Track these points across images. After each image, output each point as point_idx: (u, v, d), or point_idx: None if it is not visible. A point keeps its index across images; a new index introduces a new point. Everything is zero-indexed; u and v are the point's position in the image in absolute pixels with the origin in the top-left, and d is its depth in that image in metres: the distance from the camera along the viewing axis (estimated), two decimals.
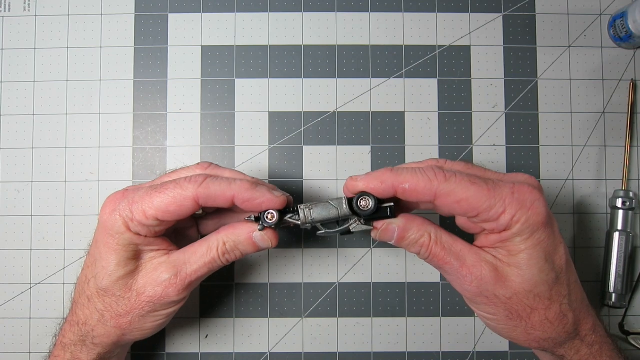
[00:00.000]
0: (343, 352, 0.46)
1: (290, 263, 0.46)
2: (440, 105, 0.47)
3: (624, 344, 0.46)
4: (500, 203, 0.32)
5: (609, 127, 0.47)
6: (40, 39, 0.47)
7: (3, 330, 0.46)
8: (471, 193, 0.32)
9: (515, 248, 0.33)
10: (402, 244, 0.35)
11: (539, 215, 0.32)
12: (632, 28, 0.44)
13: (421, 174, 0.33)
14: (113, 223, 0.34)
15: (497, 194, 0.32)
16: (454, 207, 0.33)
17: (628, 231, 0.45)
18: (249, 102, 0.47)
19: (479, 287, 0.33)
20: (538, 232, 0.33)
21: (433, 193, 0.33)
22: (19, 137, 0.47)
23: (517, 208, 0.32)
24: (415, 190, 0.33)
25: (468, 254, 0.34)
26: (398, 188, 0.33)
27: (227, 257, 0.36)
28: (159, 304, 0.35)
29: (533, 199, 0.33)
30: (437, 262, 0.34)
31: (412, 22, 0.48)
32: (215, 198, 0.34)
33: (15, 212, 0.47)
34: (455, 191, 0.32)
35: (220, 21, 0.48)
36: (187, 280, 0.35)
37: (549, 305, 0.33)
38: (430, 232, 0.34)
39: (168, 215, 0.34)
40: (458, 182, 0.32)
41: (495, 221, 0.33)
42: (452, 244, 0.34)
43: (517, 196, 0.32)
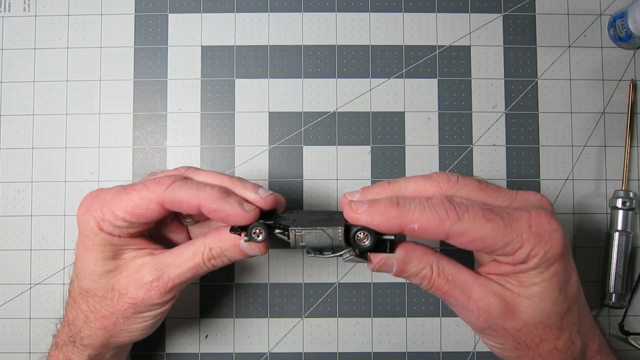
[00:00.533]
0: (343, 352, 0.46)
1: (290, 263, 0.46)
2: (440, 105, 0.47)
3: (624, 344, 0.46)
4: (517, 239, 0.30)
5: (609, 127, 0.47)
6: (40, 39, 0.47)
7: (3, 330, 0.46)
8: (486, 231, 0.29)
9: (529, 280, 0.31)
10: (402, 276, 0.33)
11: (557, 247, 0.30)
12: (632, 28, 0.44)
13: (431, 212, 0.30)
14: (86, 223, 0.34)
15: (514, 230, 0.30)
16: (467, 246, 0.30)
17: (628, 231, 0.45)
18: (249, 102, 0.47)
19: (487, 321, 0.31)
20: (554, 265, 0.31)
21: (445, 234, 0.30)
22: (19, 137, 0.47)
23: (535, 242, 0.30)
24: (425, 231, 0.30)
25: (474, 285, 0.31)
26: (406, 228, 0.30)
27: (212, 262, 0.34)
28: (142, 306, 0.34)
29: (551, 230, 0.30)
30: (440, 295, 0.32)
31: (412, 22, 0.48)
32: (180, 204, 0.32)
33: (15, 212, 0.47)
34: (468, 231, 0.29)
35: (220, 21, 0.48)
36: (170, 284, 0.34)
37: (559, 335, 0.32)
38: (432, 263, 0.32)
39: (135, 218, 0.33)
40: (472, 220, 0.29)
41: (511, 256, 0.30)
42: (456, 274, 0.32)
43: (535, 229, 0.30)
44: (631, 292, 0.46)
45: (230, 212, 0.32)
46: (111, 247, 0.34)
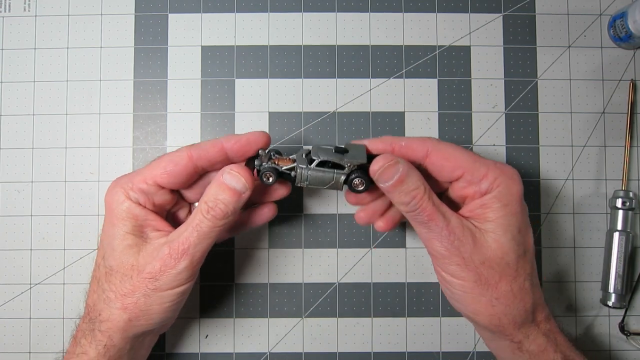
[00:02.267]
0: (343, 352, 0.46)
1: (290, 263, 0.46)
2: (440, 105, 0.47)
3: (624, 344, 0.46)
4: (483, 167, 0.36)
5: (609, 127, 0.47)
6: (40, 39, 0.48)
7: (3, 330, 0.46)
8: (458, 154, 0.36)
9: (493, 214, 0.35)
10: (396, 189, 0.35)
11: (516, 185, 0.36)
12: (632, 28, 0.44)
13: (417, 138, 0.38)
14: (113, 195, 0.36)
15: (482, 160, 0.36)
16: (442, 164, 0.36)
17: (628, 231, 0.45)
18: (249, 102, 0.47)
19: (459, 246, 0.35)
20: (514, 204, 0.36)
21: (426, 149, 0.37)
22: (19, 137, 0.47)
23: (498, 173, 0.36)
24: (410, 146, 0.37)
25: (452, 216, 0.36)
26: (395, 144, 0.37)
27: (212, 214, 0.35)
28: (161, 281, 0.35)
29: (513, 172, 0.37)
30: (422, 217, 0.35)
31: (412, 22, 0.48)
32: (206, 150, 0.37)
33: (15, 212, 0.47)
34: (445, 150, 0.37)
35: (220, 21, 0.48)
36: (180, 247, 0.35)
37: (515, 277, 0.35)
38: (425, 185, 0.36)
39: (166, 177, 0.36)
40: (447, 146, 0.37)
41: (477, 184, 0.36)
42: (439, 203, 0.36)
43: (500, 166, 0.36)
44: (631, 292, 0.46)
45: (249, 136, 0.37)
46: (133, 220, 0.36)
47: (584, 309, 0.46)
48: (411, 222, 0.37)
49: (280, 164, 0.38)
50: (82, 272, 0.46)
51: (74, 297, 0.46)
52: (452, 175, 0.37)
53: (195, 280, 0.39)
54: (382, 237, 0.47)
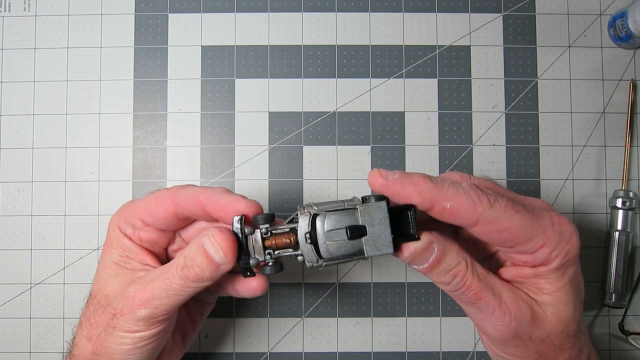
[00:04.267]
0: (343, 352, 0.46)
1: (290, 263, 0.46)
2: (440, 105, 0.47)
3: (624, 344, 0.46)
4: (541, 235, 0.29)
5: (609, 127, 0.47)
6: (40, 39, 0.47)
7: (3, 330, 0.46)
8: (515, 222, 0.29)
9: (550, 286, 0.30)
10: (434, 271, 0.30)
11: (575, 249, 0.30)
12: (632, 28, 0.44)
13: (464, 194, 0.29)
14: (110, 222, 0.35)
15: (539, 226, 0.29)
16: (491, 236, 0.29)
17: (628, 231, 0.45)
18: (249, 102, 0.47)
19: (517, 328, 0.30)
20: (571, 268, 0.30)
21: (476, 218, 0.28)
22: (19, 137, 0.47)
23: (557, 242, 0.29)
24: (457, 212, 0.28)
25: (504, 289, 0.30)
26: (437, 205, 0.28)
27: (185, 273, 0.31)
28: (120, 320, 0.32)
29: (571, 231, 0.30)
30: (470, 296, 0.30)
31: (412, 22, 0.48)
32: (187, 198, 0.32)
33: (15, 212, 0.47)
34: (499, 219, 0.29)
35: (220, 21, 0.48)
36: (145, 295, 0.31)
37: (574, 343, 0.31)
38: (467, 259, 0.30)
39: (149, 215, 0.33)
40: (502, 209, 0.29)
41: (531, 254, 0.30)
42: (486, 276, 0.30)
43: (557, 228, 0.30)
44: (631, 292, 0.46)
45: (230, 200, 0.31)
46: (120, 250, 0.34)
47: (584, 309, 0.46)
48: (457, 300, 0.32)
49: (279, 245, 0.30)
50: (82, 272, 0.46)
51: (74, 297, 0.46)
52: (502, 245, 0.31)
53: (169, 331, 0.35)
54: None
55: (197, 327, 0.39)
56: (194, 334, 0.39)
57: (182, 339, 0.38)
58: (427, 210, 0.29)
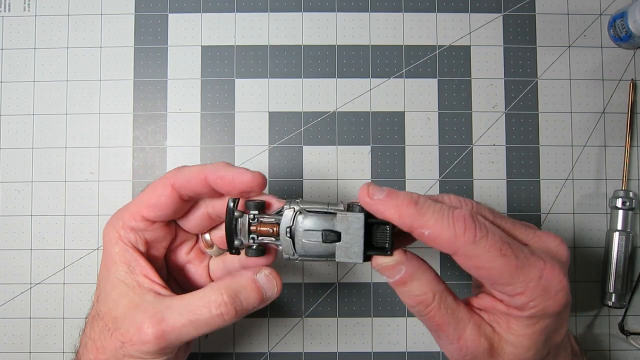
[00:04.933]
0: (343, 352, 0.46)
1: (290, 263, 0.46)
2: (440, 105, 0.47)
3: (624, 344, 0.46)
4: (522, 284, 0.28)
5: (609, 127, 0.47)
6: (40, 39, 0.47)
7: (3, 330, 0.46)
8: (496, 264, 0.28)
9: (519, 330, 0.30)
10: (399, 289, 0.30)
11: (557, 306, 0.29)
12: (632, 28, 0.44)
13: (447, 223, 0.28)
14: (106, 235, 0.33)
15: (523, 274, 0.28)
16: (470, 270, 0.29)
17: (628, 231, 0.45)
18: (249, 102, 0.47)
19: None
20: (548, 319, 0.29)
21: (454, 250, 0.28)
22: (19, 137, 0.47)
23: (538, 294, 0.28)
24: (434, 240, 0.28)
25: (468, 325, 0.30)
26: (416, 231, 0.28)
27: (222, 310, 0.30)
28: (129, 349, 0.30)
29: (559, 288, 0.29)
30: (431, 325, 0.30)
31: (412, 22, 0.48)
32: (189, 179, 0.32)
33: (15, 212, 0.46)
34: (479, 257, 0.28)
35: (220, 21, 0.48)
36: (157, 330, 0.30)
37: None
38: (436, 291, 0.30)
39: (152, 209, 0.32)
40: (487, 248, 0.28)
41: (509, 296, 0.29)
42: (454, 309, 0.30)
43: (544, 282, 0.28)
44: (631, 292, 0.46)
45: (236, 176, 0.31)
46: (125, 266, 0.33)
47: (584, 309, 0.46)
48: (420, 321, 0.32)
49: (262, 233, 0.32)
50: (82, 272, 0.46)
51: (74, 297, 0.46)
52: (480, 281, 0.31)
53: None
54: None
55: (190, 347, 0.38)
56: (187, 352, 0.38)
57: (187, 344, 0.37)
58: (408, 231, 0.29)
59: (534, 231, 0.31)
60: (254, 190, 0.32)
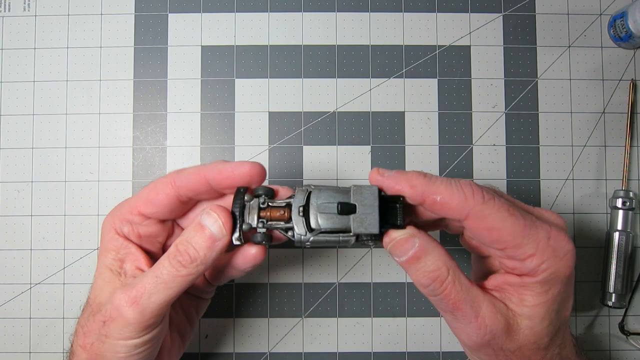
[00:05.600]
0: (343, 352, 0.46)
1: (290, 263, 0.46)
2: (440, 105, 0.47)
3: (624, 344, 0.46)
4: (532, 244, 0.29)
5: (609, 127, 0.47)
6: (40, 39, 0.47)
7: (3, 330, 0.46)
8: (506, 224, 0.29)
9: (532, 300, 0.30)
10: (413, 267, 0.30)
11: (567, 268, 0.29)
12: (632, 28, 0.44)
13: (457, 189, 0.29)
14: (103, 225, 0.34)
15: (532, 233, 0.29)
16: (482, 233, 0.29)
17: (628, 231, 0.45)
18: (249, 102, 0.47)
19: (490, 340, 0.30)
20: (559, 285, 0.30)
21: (466, 212, 0.29)
22: (19, 137, 0.47)
23: (548, 255, 0.29)
24: (447, 204, 0.29)
25: (484, 302, 0.30)
26: (428, 198, 0.29)
27: (178, 259, 0.30)
28: (110, 327, 0.31)
29: (567, 249, 0.30)
30: (447, 304, 0.30)
31: (412, 22, 0.48)
32: (188, 178, 0.32)
33: (15, 212, 0.47)
34: (490, 216, 0.29)
35: (220, 21, 0.48)
36: (133, 293, 0.30)
37: (544, 355, 0.31)
38: (450, 266, 0.30)
39: (148, 206, 0.33)
40: (496, 207, 0.29)
41: (520, 261, 0.29)
42: (469, 287, 0.30)
43: (552, 242, 0.29)
44: (631, 292, 0.46)
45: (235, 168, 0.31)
46: (114, 253, 0.33)
47: (584, 309, 0.46)
48: (436, 306, 0.32)
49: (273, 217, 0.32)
50: (82, 272, 0.46)
51: (74, 297, 0.46)
52: (491, 246, 0.31)
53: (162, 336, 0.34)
54: None
55: (193, 325, 0.39)
56: (192, 332, 0.38)
57: (180, 338, 0.37)
58: (420, 203, 0.30)
59: (532, 207, 0.32)
60: (254, 181, 0.32)
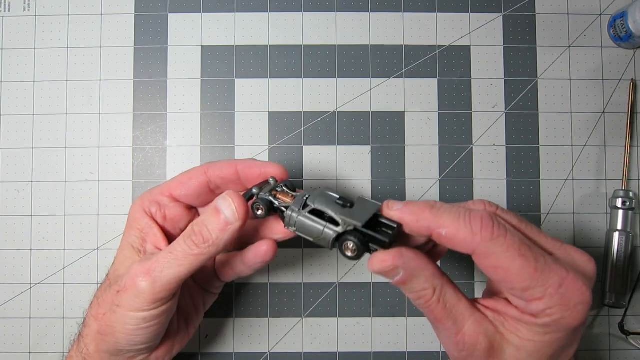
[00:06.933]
0: (343, 352, 0.46)
1: (290, 263, 0.46)
2: (440, 105, 0.47)
3: (624, 344, 0.46)
4: (541, 289, 0.27)
5: (609, 127, 0.47)
6: (40, 39, 0.47)
7: (3, 330, 0.46)
8: (514, 265, 0.27)
9: (526, 334, 0.29)
10: (401, 287, 0.31)
11: (576, 320, 0.28)
12: (632, 28, 0.44)
13: (464, 222, 0.28)
14: (132, 206, 0.37)
15: (543, 279, 0.27)
16: (488, 271, 0.28)
17: (628, 231, 0.45)
18: (249, 102, 0.47)
19: (467, 357, 0.30)
20: (561, 333, 0.28)
21: (472, 248, 0.28)
22: (19, 137, 0.47)
23: (556, 303, 0.27)
24: (452, 239, 0.28)
25: (469, 320, 0.30)
26: (434, 232, 0.29)
27: (192, 238, 0.32)
28: (122, 298, 0.32)
29: (579, 301, 0.28)
30: (430, 318, 0.31)
31: (412, 22, 0.48)
32: (221, 167, 0.36)
33: (15, 212, 0.46)
34: (497, 256, 0.27)
35: (220, 21, 0.48)
36: (147, 266, 0.32)
37: None
38: (436, 286, 0.30)
39: (181, 188, 0.37)
40: (505, 246, 0.27)
41: (526, 302, 0.28)
42: (455, 304, 0.30)
43: (564, 291, 0.27)
44: (631, 292, 0.46)
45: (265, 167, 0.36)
46: (137, 231, 0.36)
47: None
48: None
49: (280, 199, 0.34)
50: (82, 272, 0.46)
51: (74, 297, 0.46)
52: (498, 286, 0.31)
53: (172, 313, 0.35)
54: None
55: (200, 315, 0.40)
56: (198, 321, 0.40)
57: (186, 325, 0.39)
58: (426, 236, 0.30)
59: (560, 244, 0.30)
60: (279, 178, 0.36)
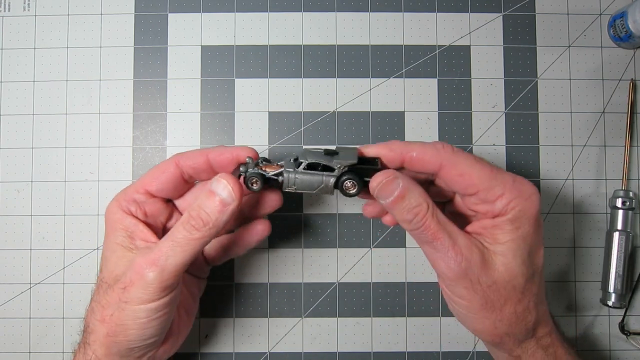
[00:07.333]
0: (343, 352, 0.46)
1: (290, 263, 0.46)
2: (440, 105, 0.47)
3: (624, 343, 0.46)
4: (500, 186, 0.34)
5: (609, 127, 0.47)
6: (40, 38, 0.47)
7: (3, 330, 0.46)
8: (475, 169, 0.34)
9: (504, 237, 0.34)
10: (398, 206, 0.33)
11: (533, 207, 0.34)
12: (632, 28, 0.44)
13: (429, 145, 0.35)
14: (108, 208, 0.37)
15: (499, 177, 0.34)
16: (455, 180, 0.34)
17: (628, 231, 0.45)
18: (249, 102, 0.47)
19: (467, 268, 0.33)
20: (528, 225, 0.34)
21: (439, 163, 0.34)
22: (19, 137, 0.47)
23: (515, 195, 0.34)
24: (422, 159, 0.35)
25: (459, 235, 0.34)
26: (406, 156, 0.35)
27: (191, 223, 0.33)
28: (131, 293, 0.33)
29: (531, 192, 0.34)
30: (427, 236, 0.34)
31: (412, 22, 0.48)
32: (192, 158, 0.37)
33: (15, 212, 0.46)
34: (460, 164, 0.34)
35: (220, 21, 0.48)
36: (151, 256, 0.33)
37: (520, 299, 0.34)
38: (429, 202, 0.34)
39: (155, 184, 0.37)
40: (464, 157, 0.34)
41: (491, 203, 0.34)
42: (446, 220, 0.34)
43: (517, 185, 0.34)
44: (631, 292, 0.46)
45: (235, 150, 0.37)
46: (123, 231, 0.36)
47: (584, 309, 0.46)
48: (417, 241, 0.35)
49: (268, 170, 0.36)
50: (82, 272, 0.46)
51: (74, 297, 0.46)
52: (465, 192, 0.35)
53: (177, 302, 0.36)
54: (382, 237, 0.47)
55: (197, 302, 0.42)
56: (196, 308, 0.42)
57: (187, 315, 0.40)
58: (400, 163, 0.36)
59: None
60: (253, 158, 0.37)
